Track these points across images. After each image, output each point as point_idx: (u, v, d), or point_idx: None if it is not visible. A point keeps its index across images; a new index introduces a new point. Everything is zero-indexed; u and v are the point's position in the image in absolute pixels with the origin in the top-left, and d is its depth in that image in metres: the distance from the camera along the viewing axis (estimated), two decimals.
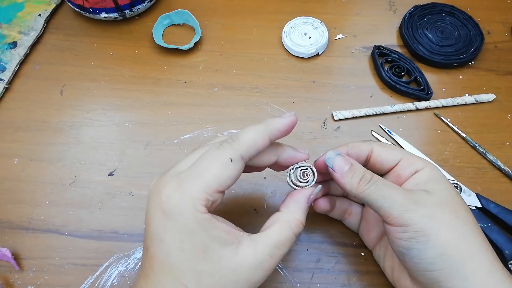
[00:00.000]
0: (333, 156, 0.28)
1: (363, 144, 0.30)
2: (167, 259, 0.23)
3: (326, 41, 0.46)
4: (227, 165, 0.24)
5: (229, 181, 0.24)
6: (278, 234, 0.26)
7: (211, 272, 0.23)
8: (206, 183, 0.23)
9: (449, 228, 0.25)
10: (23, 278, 0.34)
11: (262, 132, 0.25)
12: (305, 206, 0.28)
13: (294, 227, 0.26)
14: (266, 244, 0.25)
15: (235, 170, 0.24)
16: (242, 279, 0.24)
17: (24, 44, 0.46)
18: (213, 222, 0.24)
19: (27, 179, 0.39)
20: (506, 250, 0.34)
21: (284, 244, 0.26)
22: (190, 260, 0.23)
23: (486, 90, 0.44)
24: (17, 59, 0.45)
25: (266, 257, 0.24)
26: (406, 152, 0.30)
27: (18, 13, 0.49)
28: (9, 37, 0.46)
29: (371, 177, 0.27)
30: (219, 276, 0.23)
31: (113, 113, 0.43)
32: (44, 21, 0.48)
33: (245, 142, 0.25)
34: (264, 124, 0.26)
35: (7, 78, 0.44)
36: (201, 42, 0.47)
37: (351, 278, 0.34)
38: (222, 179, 0.24)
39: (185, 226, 0.23)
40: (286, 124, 0.26)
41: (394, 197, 0.26)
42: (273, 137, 0.26)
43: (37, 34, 0.47)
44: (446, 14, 0.48)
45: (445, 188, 0.27)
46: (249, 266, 0.24)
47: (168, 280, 0.23)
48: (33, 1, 0.50)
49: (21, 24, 0.47)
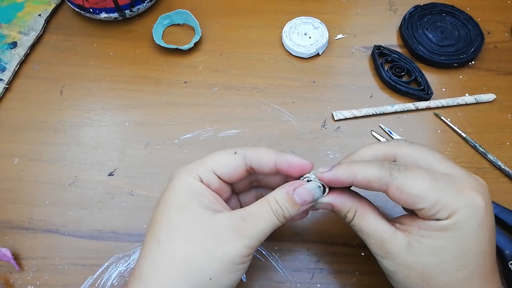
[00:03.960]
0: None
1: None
2: (152, 216, 0.27)
3: (326, 41, 0.46)
4: (229, 155, 0.28)
5: (225, 168, 0.27)
6: (255, 205, 0.27)
7: (183, 226, 0.25)
8: (206, 161, 0.27)
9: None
10: (23, 278, 0.34)
11: (271, 153, 0.28)
12: (289, 192, 0.27)
13: (272, 203, 0.26)
14: (242, 210, 0.26)
15: (234, 161, 0.27)
16: (210, 235, 0.25)
17: (24, 44, 0.46)
18: (202, 189, 0.26)
19: (27, 179, 0.39)
20: (506, 250, 0.34)
21: (260, 215, 0.26)
22: (167, 212, 0.26)
23: (486, 90, 0.44)
24: (17, 59, 0.45)
25: (238, 220, 0.25)
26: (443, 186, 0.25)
27: (18, 13, 0.48)
28: (9, 37, 0.46)
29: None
30: (189, 230, 0.25)
31: (113, 113, 0.43)
32: (44, 21, 0.48)
33: (253, 149, 0.28)
34: (277, 151, 0.28)
35: (7, 78, 0.44)
36: (201, 42, 0.47)
37: (351, 278, 0.34)
38: (220, 163, 0.27)
39: (175, 185, 0.27)
40: (295, 163, 0.27)
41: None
42: (279, 163, 0.27)
43: (37, 34, 0.47)
44: (446, 14, 0.48)
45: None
46: (220, 224, 0.25)
47: (147, 237, 0.26)
48: (33, 1, 0.50)
49: (21, 24, 0.47)
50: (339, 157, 0.40)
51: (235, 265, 0.25)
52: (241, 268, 0.26)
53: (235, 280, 0.26)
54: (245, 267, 0.26)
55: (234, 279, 0.26)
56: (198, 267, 0.24)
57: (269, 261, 0.35)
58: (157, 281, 0.24)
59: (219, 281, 0.25)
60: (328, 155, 0.40)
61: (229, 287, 0.26)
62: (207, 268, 0.24)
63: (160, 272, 0.25)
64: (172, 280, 0.24)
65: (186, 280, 0.24)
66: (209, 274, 0.24)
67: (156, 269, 0.25)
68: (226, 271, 0.25)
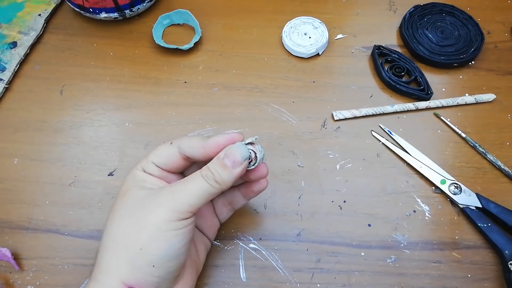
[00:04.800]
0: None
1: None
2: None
3: (326, 41, 0.46)
4: (166, 146, 0.30)
5: (162, 158, 0.29)
6: (188, 176, 0.28)
7: (121, 206, 0.27)
8: (149, 154, 0.30)
9: None
10: (23, 278, 0.34)
11: (200, 139, 0.29)
12: (220, 157, 0.27)
13: (203, 170, 0.27)
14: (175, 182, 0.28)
15: (169, 151, 0.29)
16: (141, 208, 0.26)
17: (24, 44, 0.46)
18: (144, 177, 0.29)
19: (27, 179, 0.39)
20: (506, 250, 0.34)
21: (189, 180, 0.27)
22: (114, 201, 0.29)
23: (486, 90, 0.44)
24: (17, 59, 0.45)
25: (167, 188, 0.27)
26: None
27: (18, 13, 0.48)
28: (9, 37, 0.46)
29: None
30: (126, 209, 0.27)
31: (113, 113, 0.43)
32: (44, 21, 0.48)
33: (186, 138, 0.29)
34: (209, 137, 0.29)
35: (7, 78, 0.44)
36: (201, 42, 0.47)
37: (351, 278, 0.34)
38: (158, 154, 0.29)
39: (125, 179, 0.29)
40: (221, 141, 0.28)
41: None
42: (207, 147, 0.28)
43: (37, 34, 0.47)
44: (446, 14, 0.48)
45: None
46: (152, 197, 0.27)
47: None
48: (33, 1, 0.49)
49: (21, 24, 0.47)
50: (339, 157, 0.40)
51: (163, 232, 0.25)
52: (173, 235, 0.25)
53: (169, 249, 0.25)
54: (179, 235, 0.26)
55: (167, 248, 0.25)
56: (131, 239, 0.26)
57: (269, 261, 0.35)
58: (105, 260, 0.26)
59: (149, 250, 0.25)
60: (328, 155, 0.40)
61: (164, 257, 0.25)
62: (137, 238, 0.25)
63: (106, 251, 0.26)
64: (114, 256, 0.26)
65: (124, 253, 0.26)
66: (140, 244, 0.25)
67: (104, 249, 0.27)
68: (154, 239, 0.25)
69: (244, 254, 0.35)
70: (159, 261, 0.25)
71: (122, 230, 0.26)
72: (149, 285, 0.26)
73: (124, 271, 0.25)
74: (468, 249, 0.36)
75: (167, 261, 0.26)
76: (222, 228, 0.36)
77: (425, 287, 0.34)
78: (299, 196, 0.38)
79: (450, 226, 0.36)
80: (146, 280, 0.26)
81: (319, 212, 0.37)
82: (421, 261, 0.35)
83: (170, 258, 0.26)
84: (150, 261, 0.25)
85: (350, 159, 0.40)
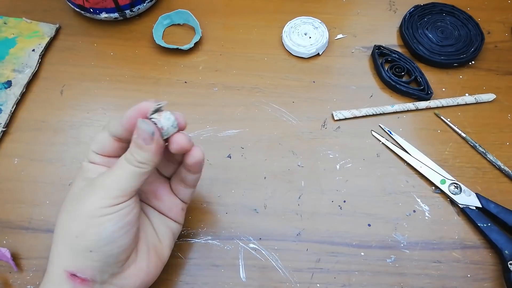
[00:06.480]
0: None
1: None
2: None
3: (326, 41, 0.46)
4: (100, 132, 0.30)
5: (97, 144, 0.30)
6: (116, 161, 0.28)
7: (64, 199, 0.29)
8: (90, 144, 0.30)
9: None
10: (23, 278, 0.34)
11: (120, 118, 0.28)
12: (134, 137, 0.27)
13: (125, 154, 0.28)
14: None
15: (102, 135, 0.29)
16: (77, 198, 0.27)
17: (19, 83, 0.43)
18: (88, 167, 0.30)
19: (27, 179, 0.39)
20: (506, 250, 0.34)
21: (115, 166, 0.27)
22: (67, 195, 0.29)
23: (486, 90, 0.44)
24: (13, 99, 0.42)
25: (98, 176, 0.28)
26: None
27: (11, 50, 0.45)
28: (3, 76, 0.43)
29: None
30: (66, 201, 0.29)
31: (113, 113, 0.43)
32: (38, 56, 0.45)
33: (112, 120, 0.29)
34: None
35: (4, 121, 0.41)
36: (201, 42, 0.47)
37: (351, 278, 0.34)
38: (95, 141, 0.30)
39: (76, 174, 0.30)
40: (132, 114, 0.27)
41: None
42: (124, 123, 0.28)
43: (33, 71, 0.44)
44: (446, 14, 0.48)
45: None
46: (87, 186, 0.28)
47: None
48: (25, 36, 0.46)
49: (15, 61, 0.44)
50: (339, 157, 0.40)
51: (96, 218, 0.26)
52: (106, 219, 0.26)
53: (103, 233, 0.26)
54: (112, 219, 0.26)
55: (101, 232, 0.26)
56: (68, 229, 0.27)
57: (269, 261, 0.35)
58: (51, 252, 0.28)
59: (84, 237, 0.26)
60: (328, 155, 0.40)
61: (99, 241, 0.26)
62: (73, 227, 0.26)
63: (53, 245, 0.28)
64: (56, 247, 0.27)
65: (63, 243, 0.27)
66: (76, 232, 0.26)
67: (53, 243, 0.28)
68: (88, 225, 0.26)
69: (244, 254, 0.35)
70: (95, 245, 0.26)
71: (61, 222, 0.28)
72: (90, 270, 0.26)
73: (65, 260, 0.27)
74: (468, 249, 0.36)
75: (103, 245, 0.26)
76: (222, 228, 0.36)
77: (425, 287, 0.34)
78: (299, 196, 0.38)
79: (450, 226, 0.36)
80: (86, 266, 0.26)
81: (319, 212, 0.37)
82: (421, 261, 0.35)
83: (106, 242, 0.26)
84: (86, 247, 0.26)
85: (350, 159, 0.40)
